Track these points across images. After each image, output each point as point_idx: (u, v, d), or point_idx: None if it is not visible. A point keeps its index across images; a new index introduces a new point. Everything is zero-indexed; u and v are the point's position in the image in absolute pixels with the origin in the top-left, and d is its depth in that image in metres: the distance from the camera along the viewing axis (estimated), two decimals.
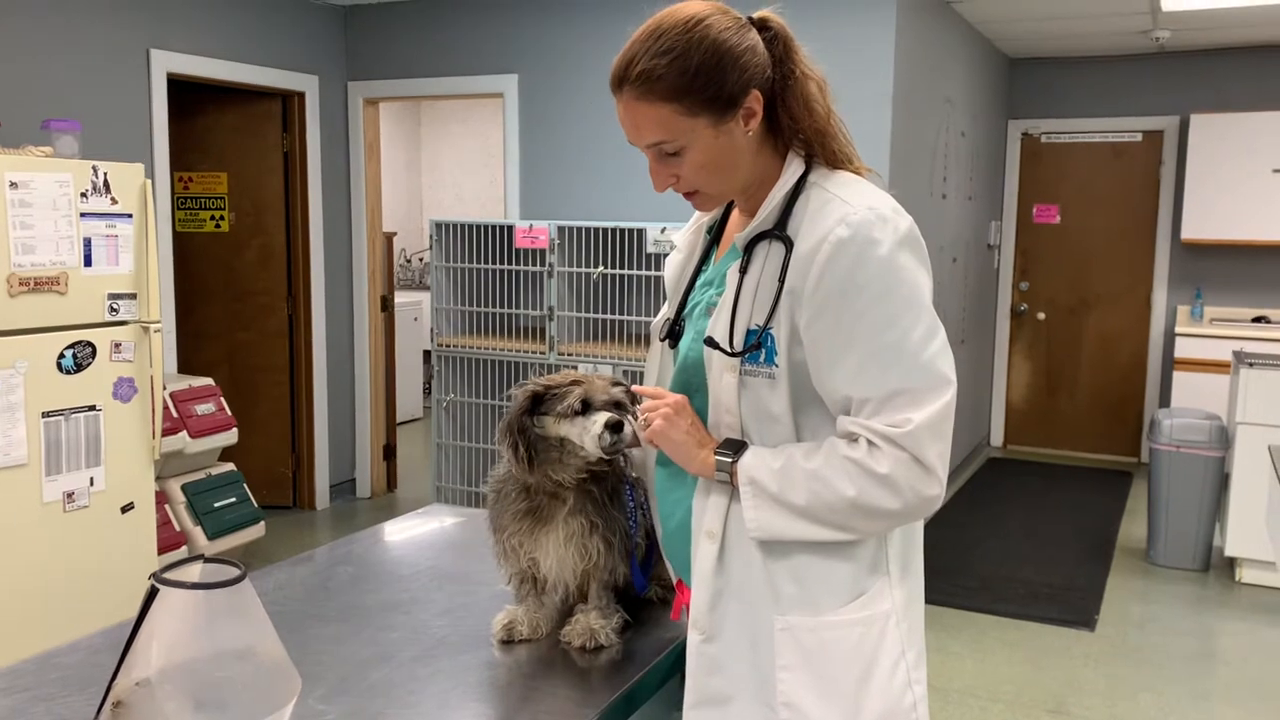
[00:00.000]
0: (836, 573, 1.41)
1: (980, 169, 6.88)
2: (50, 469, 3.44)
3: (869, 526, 1.38)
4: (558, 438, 1.59)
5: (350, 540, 2.21)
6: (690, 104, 1.35)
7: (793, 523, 1.37)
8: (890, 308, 1.32)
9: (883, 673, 1.41)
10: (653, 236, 4.66)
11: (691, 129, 1.37)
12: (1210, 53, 6.88)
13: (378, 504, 6.18)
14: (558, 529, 1.62)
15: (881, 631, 1.42)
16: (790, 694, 1.40)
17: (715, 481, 1.44)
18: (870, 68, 4.79)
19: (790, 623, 1.40)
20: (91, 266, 3.53)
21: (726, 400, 1.43)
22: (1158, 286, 7.26)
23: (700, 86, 1.34)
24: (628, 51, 1.39)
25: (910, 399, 1.32)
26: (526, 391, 1.61)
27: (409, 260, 9.46)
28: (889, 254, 1.32)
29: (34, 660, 1.57)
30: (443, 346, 5.21)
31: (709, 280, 1.54)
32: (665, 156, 1.41)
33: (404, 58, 5.88)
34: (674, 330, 1.56)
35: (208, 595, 1.30)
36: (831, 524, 1.37)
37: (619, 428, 1.55)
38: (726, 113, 1.37)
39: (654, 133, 1.38)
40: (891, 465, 1.32)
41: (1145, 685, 3.87)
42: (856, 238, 1.32)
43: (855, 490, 1.33)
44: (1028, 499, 6.47)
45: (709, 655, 1.46)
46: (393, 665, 1.57)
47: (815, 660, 1.40)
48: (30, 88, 4.38)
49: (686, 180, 1.43)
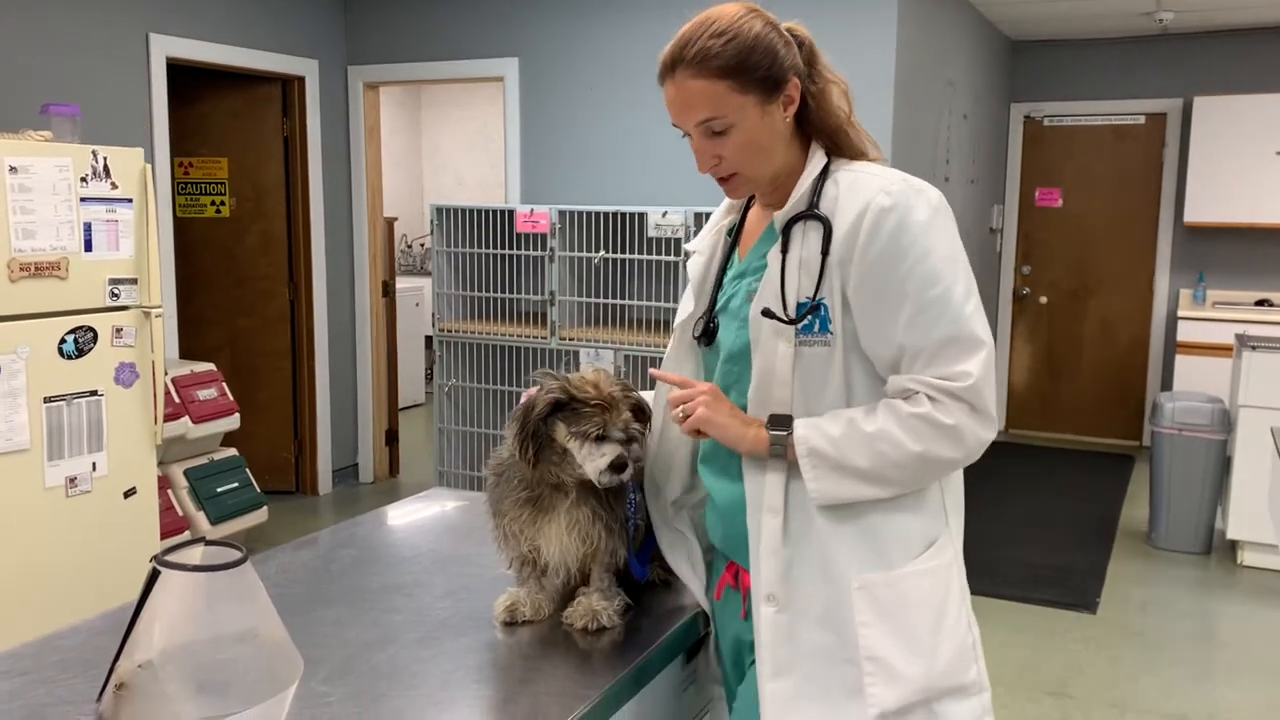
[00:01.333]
0: (906, 527, 1.49)
1: (982, 152, 6.86)
2: (52, 454, 3.44)
3: (931, 476, 1.48)
4: (564, 446, 1.59)
5: (352, 524, 2.21)
6: (743, 82, 1.45)
7: (856, 486, 1.44)
8: (933, 266, 1.41)
9: (951, 617, 1.50)
10: (654, 220, 4.65)
11: (741, 106, 1.46)
12: (1214, 34, 6.85)
13: (380, 489, 6.19)
14: (559, 518, 1.61)
15: (948, 577, 1.51)
16: (873, 648, 1.45)
17: (768, 459, 1.49)
18: (872, 51, 4.77)
19: (867, 580, 1.46)
20: (92, 251, 3.52)
21: (780, 372, 1.48)
22: (1160, 270, 7.24)
23: (752, 66, 1.45)
24: (681, 38, 1.48)
25: (960, 350, 1.41)
26: (551, 398, 1.59)
27: (410, 245, 9.45)
28: (928, 219, 1.43)
29: (34, 643, 1.58)
30: (444, 331, 5.20)
31: (740, 273, 1.61)
32: (711, 136, 1.49)
33: (404, 41, 5.86)
34: (708, 328, 1.62)
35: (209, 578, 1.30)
36: (894, 481, 1.44)
37: (622, 468, 1.57)
38: (772, 94, 1.47)
39: (706, 108, 1.46)
40: (956, 417, 1.40)
41: (1147, 668, 3.88)
42: (898, 205, 1.41)
43: (922, 446, 1.41)
44: (1029, 483, 6.47)
45: (784, 625, 1.49)
46: (396, 647, 1.57)
47: (894, 613, 1.46)
48: (29, 73, 4.37)
49: (729, 161, 1.50)
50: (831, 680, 1.47)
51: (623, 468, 1.57)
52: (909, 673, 1.45)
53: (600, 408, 1.58)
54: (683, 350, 1.68)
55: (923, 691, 1.46)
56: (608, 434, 1.58)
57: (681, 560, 1.73)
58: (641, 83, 5.27)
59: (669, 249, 4.75)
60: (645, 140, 5.28)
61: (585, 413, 1.57)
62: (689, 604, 1.75)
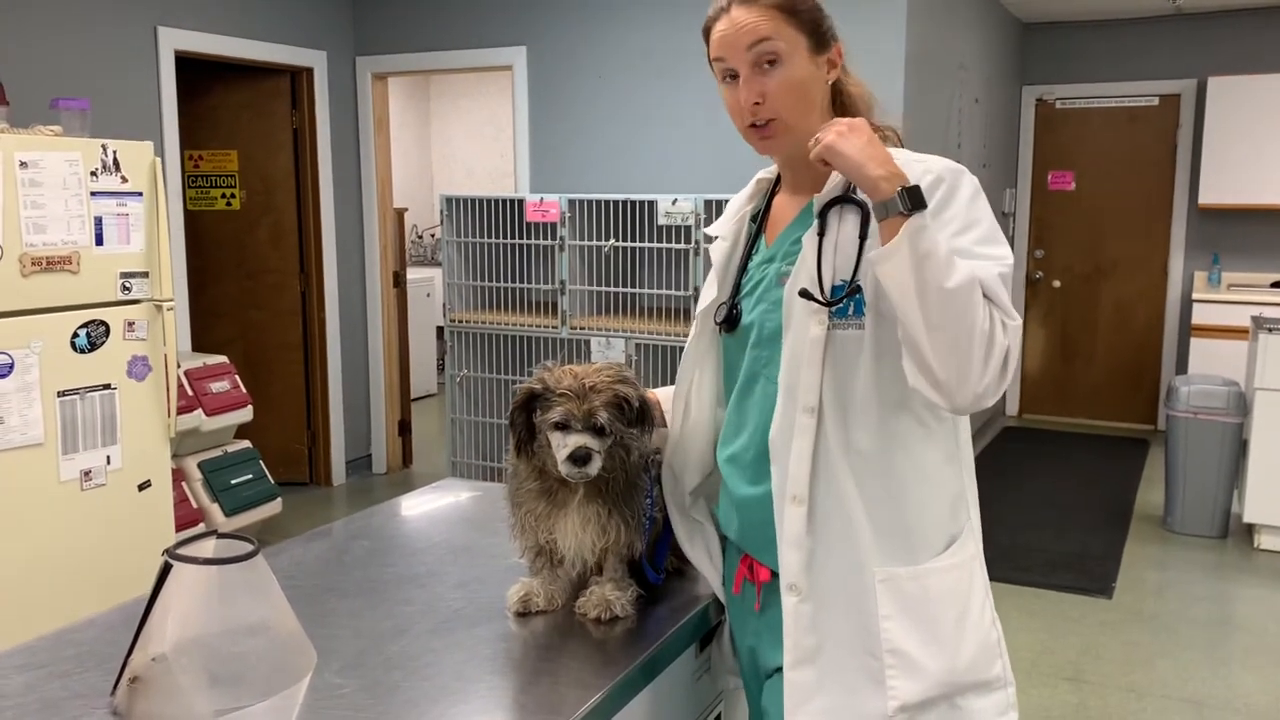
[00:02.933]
0: (930, 521, 1.48)
1: (994, 136, 6.81)
2: (67, 448, 3.45)
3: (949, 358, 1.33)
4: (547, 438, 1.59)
5: (366, 515, 2.21)
6: (796, 19, 1.48)
7: (921, 288, 1.31)
8: (979, 234, 1.42)
9: (974, 612, 1.50)
10: (664, 208, 4.63)
11: (795, 40, 1.48)
12: (1227, 14, 6.78)
13: (393, 479, 6.20)
14: (573, 514, 1.61)
15: (971, 573, 1.51)
16: (895, 641, 1.45)
17: (794, 446, 1.46)
18: (883, 33, 4.74)
19: (891, 573, 1.46)
20: (103, 245, 3.53)
21: (810, 355, 1.46)
22: (1174, 252, 7.19)
23: (805, 9, 1.49)
24: None
25: (1008, 301, 1.39)
26: (526, 388, 1.60)
27: (420, 236, 9.45)
28: (973, 194, 1.44)
29: (49, 637, 1.58)
30: (455, 322, 5.20)
31: (769, 257, 1.59)
32: (761, 66, 1.48)
33: (412, 32, 5.85)
34: (731, 315, 1.60)
35: (221, 571, 1.30)
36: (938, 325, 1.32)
37: (584, 460, 1.53)
38: (820, 47, 1.51)
39: (764, 29, 1.47)
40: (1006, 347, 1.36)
41: (1163, 652, 3.86)
42: (943, 180, 1.43)
43: (988, 326, 1.34)
44: (1044, 467, 6.45)
45: (806, 614, 1.49)
46: (409, 638, 1.57)
47: (917, 608, 1.45)
48: (38, 67, 4.37)
49: (771, 101, 1.48)
50: (853, 671, 1.47)
51: (585, 459, 1.53)
52: (930, 666, 1.45)
53: (566, 396, 1.55)
54: (705, 337, 1.66)
55: (945, 686, 1.45)
56: (568, 423, 1.55)
57: (699, 550, 1.72)
58: (650, 70, 5.25)
59: (679, 237, 4.74)
60: (654, 128, 5.26)
61: (553, 401, 1.56)
62: (703, 593, 1.74)
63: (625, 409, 1.58)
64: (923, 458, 1.48)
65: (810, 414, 1.46)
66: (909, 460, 1.47)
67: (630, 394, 1.58)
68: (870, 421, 1.46)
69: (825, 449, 1.47)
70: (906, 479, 1.47)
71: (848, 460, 1.46)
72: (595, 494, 1.61)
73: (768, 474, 1.52)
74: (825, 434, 1.47)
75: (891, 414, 1.45)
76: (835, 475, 1.47)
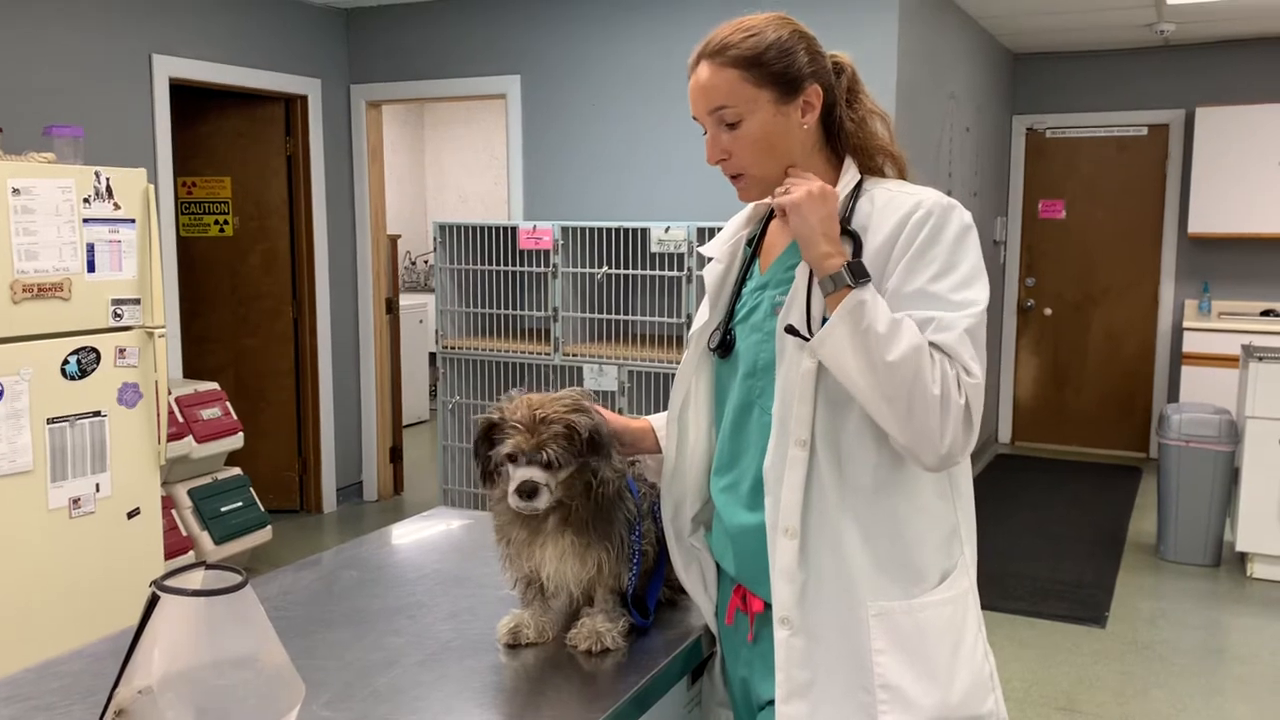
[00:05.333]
0: (924, 555, 1.48)
1: (985, 164, 6.85)
2: (56, 475, 3.44)
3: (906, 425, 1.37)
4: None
5: (356, 544, 2.19)
6: (757, 75, 1.47)
7: (863, 367, 1.36)
8: (958, 277, 1.42)
9: (968, 646, 1.49)
10: (656, 236, 4.64)
11: (754, 99, 1.47)
12: (1215, 45, 6.85)
13: (385, 507, 6.17)
14: (549, 543, 1.60)
15: (965, 607, 1.51)
16: (888, 676, 1.44)
17: (786, 478, 1.46)
18: (873, 63, 4.77)
19: (884, 608, 1.45)
20: (95, 272, 3.53)
21: (802, 389, 1.45)
22: (1165, 280, 7.23)
23: (769, 60, 1.47)
24: (713, 34, 1.52)
25: (969, 352, 1.38)
26: (485, 419, 1.60)
27: (414, 262, 9.46)
28: (959, 234, 1.44)
29: (34, 669, 1.56)
30: (448, 348, 5.20)
31: (763, 284, 1.58)
32: (724, 127, 1.50)
33: (406, 60, 5.88)
34: (725, 340, 1.60)
35: (209, 602, 1.29)
36: (888, 397, 1.36)
37: (530, 494, 1.53)
38: (788, 95, 1.48)
39: (719, 97, 1.48)
40: (962, 405, 1.37)
41: (1157, 682, 3.85)
42: (933, 216, 1.43)
43: (940, 390, 1.35)
44: (1036, 495, 6.45)
45: (798, 648, 1.48)
46: (398, 670, 1.56)
47: (910, 642, 1.45)
48: (32, 94, 4.38)
49: (737, 157, 1.51)
50: (845, 705, 1.46)
51: (531, 494, 1.53)
52: (924, 702, 1.44)
53: (515, 429, 1.54)
54: (698, 360, 1.66)
55: None
56: (516, 457, 1.54)
57: (695, 579, 1.71)
58: (642, 99, 5.28)
59: (672, 264, 4.75)
60: (647, 156, 5.29)
61: (504, 435, 1.56)
62: (695, 624, 1.73)
63: (575, 439, 1.56)
64: (917, 492, 1.48)
65: (802, 447, 1.46)
66: (903, 495, 1.47)
67: (582, 422, 1.56)
68: (863, 455, 1.45)
69: (818, 482, 1.46)
70: (900, 513, 1.47)
71: (840, 494, 1.46)
72: (564, 522, 1.60)
73: (763, 504, 1.51)
74: (818, 467, 1.46)
75: (885, 448, 1.45)
76: (828, 509, 1.46)
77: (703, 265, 1.76)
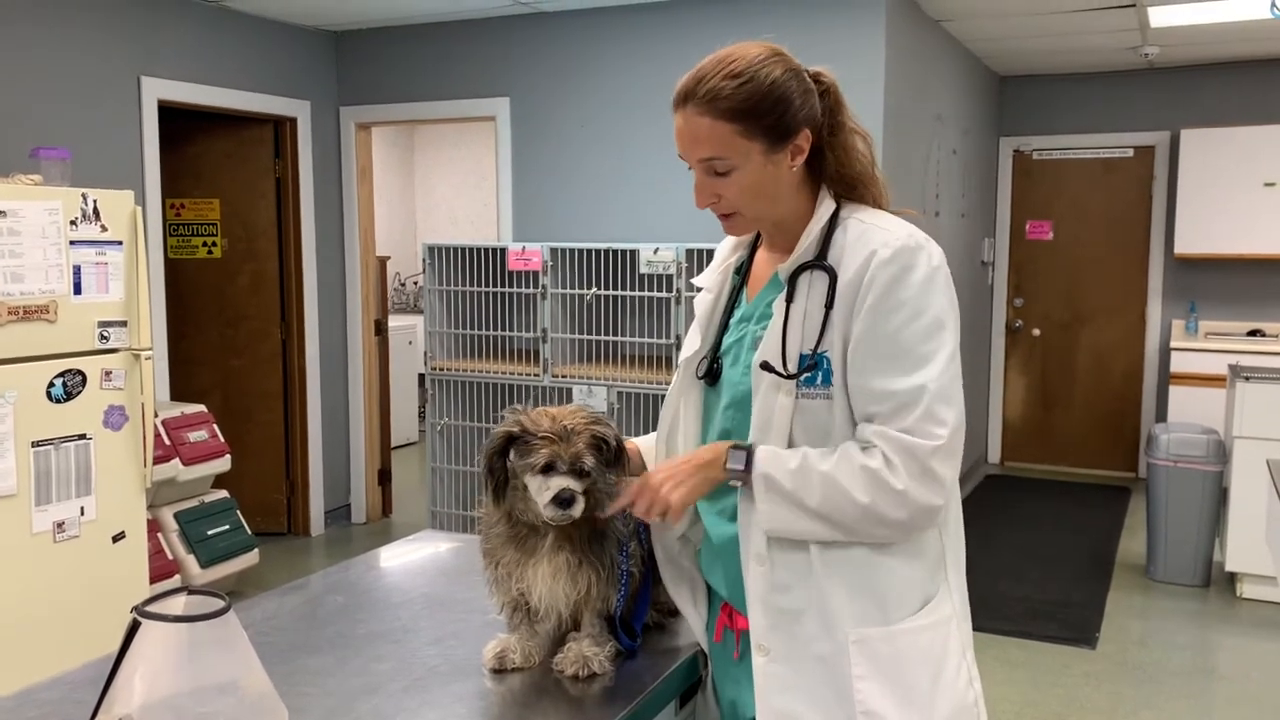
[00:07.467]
0: (904, 581, 1.48)
1: (972, 186, 6.89)
2: (40, 499, 3.41)
3: (873, 532, 1.44)
4: (523, 482, 1.57)
5: (342, 568, 2.18)
6: (749, 127, 1.44)
7: (804, 521, 1.44)
8: (925, 325, 1.42)
9: (949, 673, 1.49)
10: (645, 257, 4.65)
11: (745, 151, 1.46)
12: (1199, 68, 6.91)
13: (373, 529, 6.14)
14: (543, 562, 1.59)
15: (946, 634, 1.50)
16: (869, 702, 1.44)
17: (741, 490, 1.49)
18: (860, 86, 4.79)
19: (864, 634, 1.45)
20: (81, 294, 3.51)
21: (778, 423, 1.47)
22: (1152, 301, 7.26)
23: (762, 113, 1.44)
24: (697, 71, 1.47)
25: (933, 411, 1.40)
26: (503, 431, 1.58)
27: (403, 284, 9.45)
28: (925, 277, 1.43)
29: (12, 697, 1.54)
30: (437, 370, 5.19)
31: (746, 316, 1.60)
32: (713, 175, 1.49)
33: (396, 82, 5.89)
34: (712, 369, 1.62)
35: (191, 628, 1.28)
36: (840, 526, 1.43)
37: (568, 503, 1.52)
38: (780, 144, 1.47)
39: (710, 148, 1.46)
40: (906, 481, 1.39)
41: (1147, 702, 3.84)
42: (897, 259, 1.42)
43: (869, 499, 1.40)
44: (1025, 516, 6.44)
45: (776, 674, 1.48)
46: (381, 696, 1.55)
47: (891, 668, 1.45)
48: (19, 116, 4.37)
49: (728, 201, 1.51)
50: None
51: (569, 502, 1.52)
52: None
53: (549, 440, 1.54)
54: (685, 387, 1.66)
55: None
56: (554, 466, 1.54)
57: (685, 596, 1.71)
58: (631, 122, 5.29)
59: (661, 285, 4.75)
60: (636, 177, 5.30)
61: (535, 445, 1.55)
62: (684, 646, 1.73)
63: (603, 449, 1.58)
64: None
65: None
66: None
67: (608, 434, 1.59)
68: None
69: None
70: (877, 544, 1.46)
71: None
72: (564, 540, 1.59)
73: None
74: None
75: None
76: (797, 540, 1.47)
77: (691, 284, 1.77)
